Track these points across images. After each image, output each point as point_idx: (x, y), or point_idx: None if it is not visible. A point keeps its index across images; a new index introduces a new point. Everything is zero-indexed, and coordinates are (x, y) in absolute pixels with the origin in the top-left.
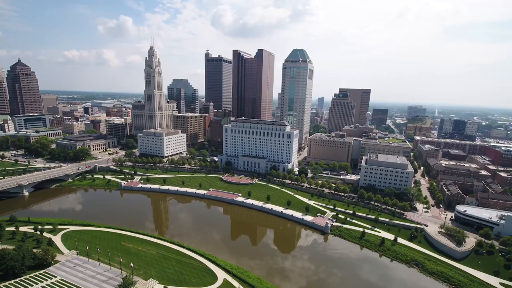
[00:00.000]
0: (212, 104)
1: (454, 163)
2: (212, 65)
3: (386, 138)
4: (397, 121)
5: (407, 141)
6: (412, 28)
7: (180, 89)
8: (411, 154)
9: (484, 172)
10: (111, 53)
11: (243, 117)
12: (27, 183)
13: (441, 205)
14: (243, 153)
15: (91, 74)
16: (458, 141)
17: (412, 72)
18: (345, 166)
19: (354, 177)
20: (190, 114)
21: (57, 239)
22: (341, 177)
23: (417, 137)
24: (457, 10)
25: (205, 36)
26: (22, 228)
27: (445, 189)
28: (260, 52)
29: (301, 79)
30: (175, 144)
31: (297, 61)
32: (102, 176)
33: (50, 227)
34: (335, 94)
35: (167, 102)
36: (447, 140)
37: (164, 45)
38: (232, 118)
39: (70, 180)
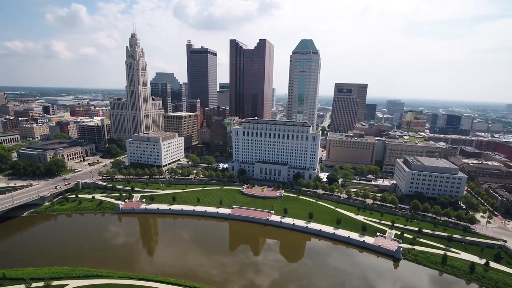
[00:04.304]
0: (199, 101)
1: (475, 161)
2: (196, 57)
3: (406, 137)
4: (379, 116)
5: (431, 141)
6: (376, 24)
7: (166, 85)
8: None
9: None
10: (62, 44)
11: (242, 116)
12: None
13: (496, 213)
14: (259, 159)
15: (39, 67)
16: (464, 137)
17: (381, 68)
18: (375, 170)
19: (386, 182)
20: (184, 114)
21: None
22: (372, 182)
23: (423, 134)
24: (418, 7)
25: (165, 29)
26: None
27: (496, 194)
28: (262, 43)
29: (313, 73)
30: (173, 150)
31: (308, 53)
32: (90, 196)
33: (40, 284)
34: (338, 89)
35: (153, 99)
36: (453, 136)
37: (122, 37)
38: (236, 117)
39: (47, 203)
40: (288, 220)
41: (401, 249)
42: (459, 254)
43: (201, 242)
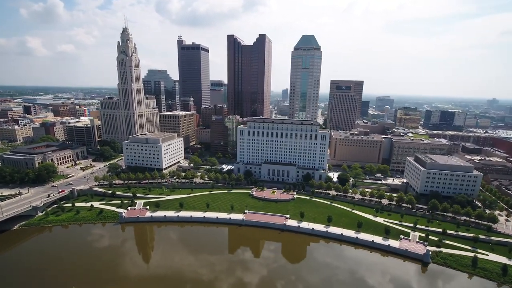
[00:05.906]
0: (193, 99)
1: (478, 158)
2: (188, 54)
3: (411, 135)
4: (370, 113)
5: (435, 138)
6: (362, 22)
7: (160, 82)
8: None
9: None
10: (37, 41)
11: (241, 114)
12: None
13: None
14: (265, 159)
15: (12, 65)
16: (462, 133)
17: (369, 66)
18: (384, 169)
19: (396, 181)
20: (182, 113)
21: None
22: (382, 181)
23: (422, 131)
24: (402, 5)
25: (147, 25)
26: None
27: (509, 191)
28: (261, 38)
29: (315, 70)
30: (173, 152)
31: (310, 49)
32: (88, 205)
33: None
34: (336, 86)
35: (146, 98)
36: (451, 132)
37: (101, 34)
38: (237, 116)
39: (40, 214)
40: (306, 225)
41: (430, 252)
42: (488, 255)
43: (219, 250)
